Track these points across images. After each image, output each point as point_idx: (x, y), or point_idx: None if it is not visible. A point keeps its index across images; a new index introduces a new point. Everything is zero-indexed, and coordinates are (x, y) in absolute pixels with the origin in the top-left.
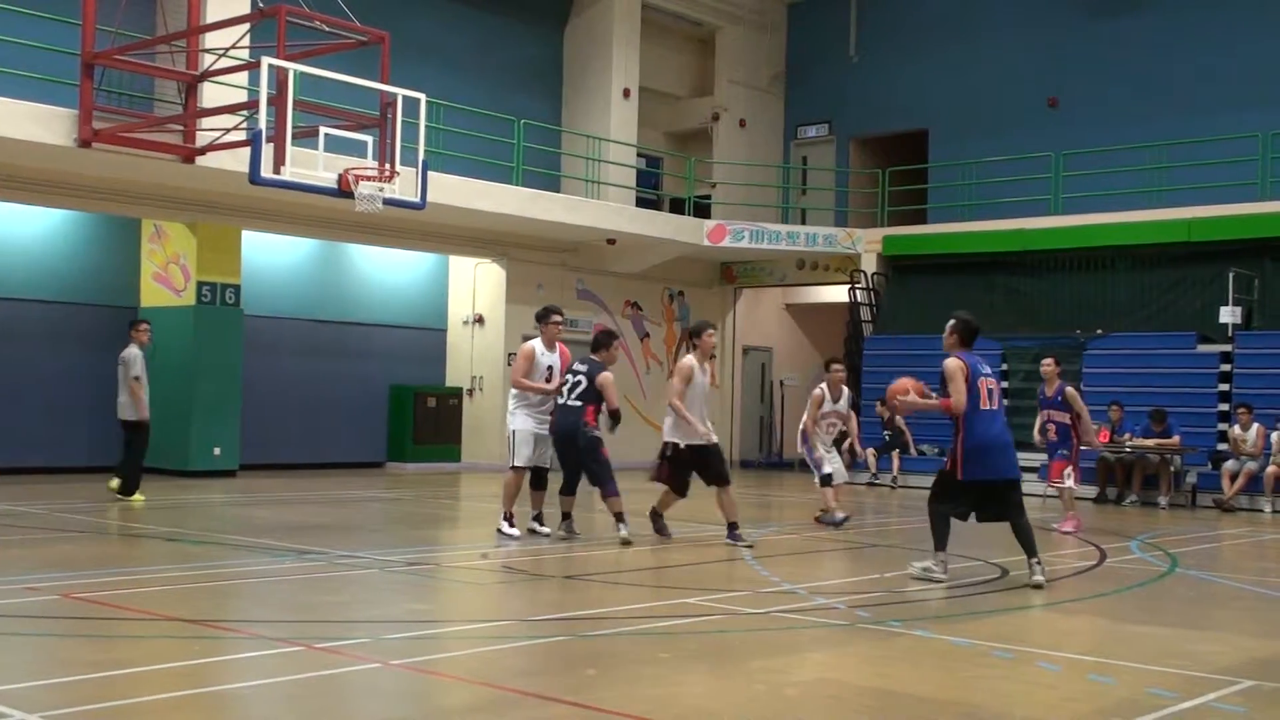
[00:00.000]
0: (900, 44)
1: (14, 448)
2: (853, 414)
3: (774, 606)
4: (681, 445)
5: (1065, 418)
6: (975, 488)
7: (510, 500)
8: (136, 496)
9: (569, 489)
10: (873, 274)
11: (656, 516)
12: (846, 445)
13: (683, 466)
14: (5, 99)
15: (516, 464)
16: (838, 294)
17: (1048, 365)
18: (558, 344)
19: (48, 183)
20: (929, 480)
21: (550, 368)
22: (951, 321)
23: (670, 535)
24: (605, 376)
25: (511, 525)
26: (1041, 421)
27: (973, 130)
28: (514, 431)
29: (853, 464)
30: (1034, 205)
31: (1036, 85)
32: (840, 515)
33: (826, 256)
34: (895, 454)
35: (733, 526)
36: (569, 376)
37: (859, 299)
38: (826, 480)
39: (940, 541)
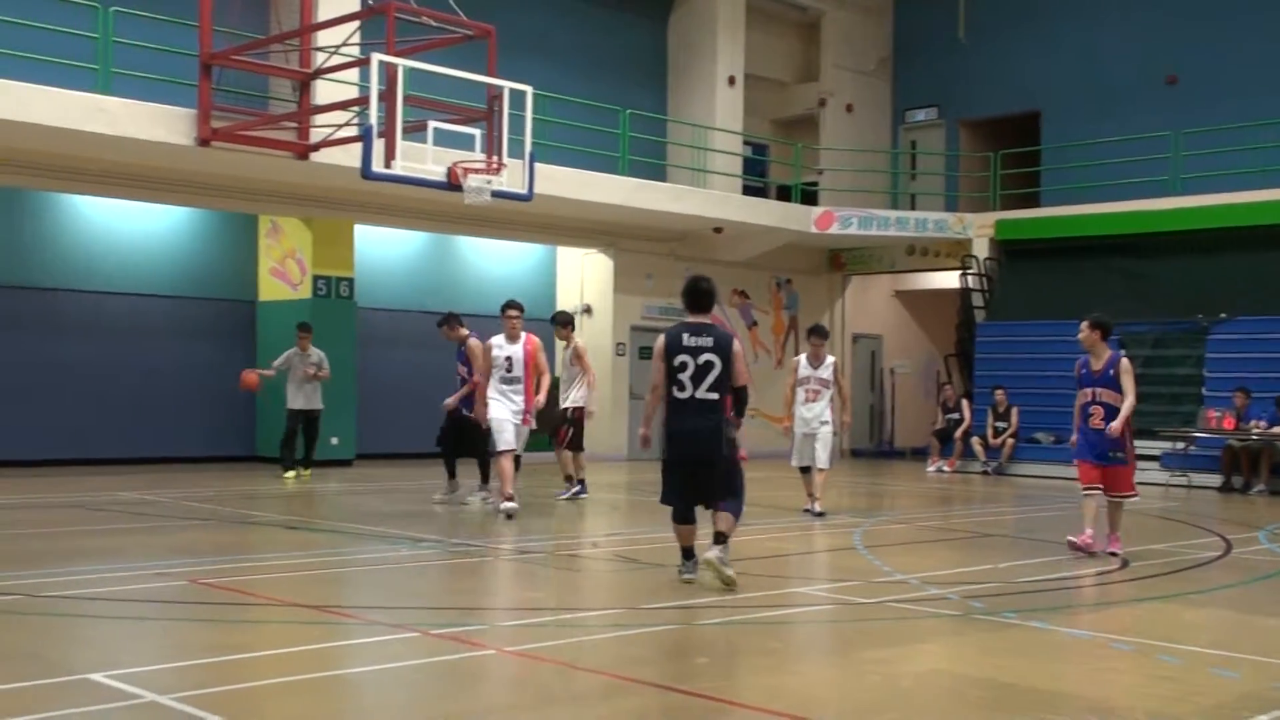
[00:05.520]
0: (1010, 23)
1: (141, 439)
2: (841, 382)
3: (886, 596)
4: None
5: (1119, 399)
6: None
7: (509, 482)
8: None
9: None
10: (984, 259)
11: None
12: (959, 433)
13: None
14: (128, 100)
15: (502, 448)
16: (949, 280)
17: (1084, 331)
18: (524, 335)
19: (169, 181)
20: (1046, 469)
21: (509, 358)
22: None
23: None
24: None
25: (511, 502)
26: (1083, 404)
27: (1087, 110)
28: (491, 419)
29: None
30: (1152, 186)
31: (1154, 62)
32: (813, 507)
33: (937, 242)
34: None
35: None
36: (687, 358)
37: (970, 285)
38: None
39: None
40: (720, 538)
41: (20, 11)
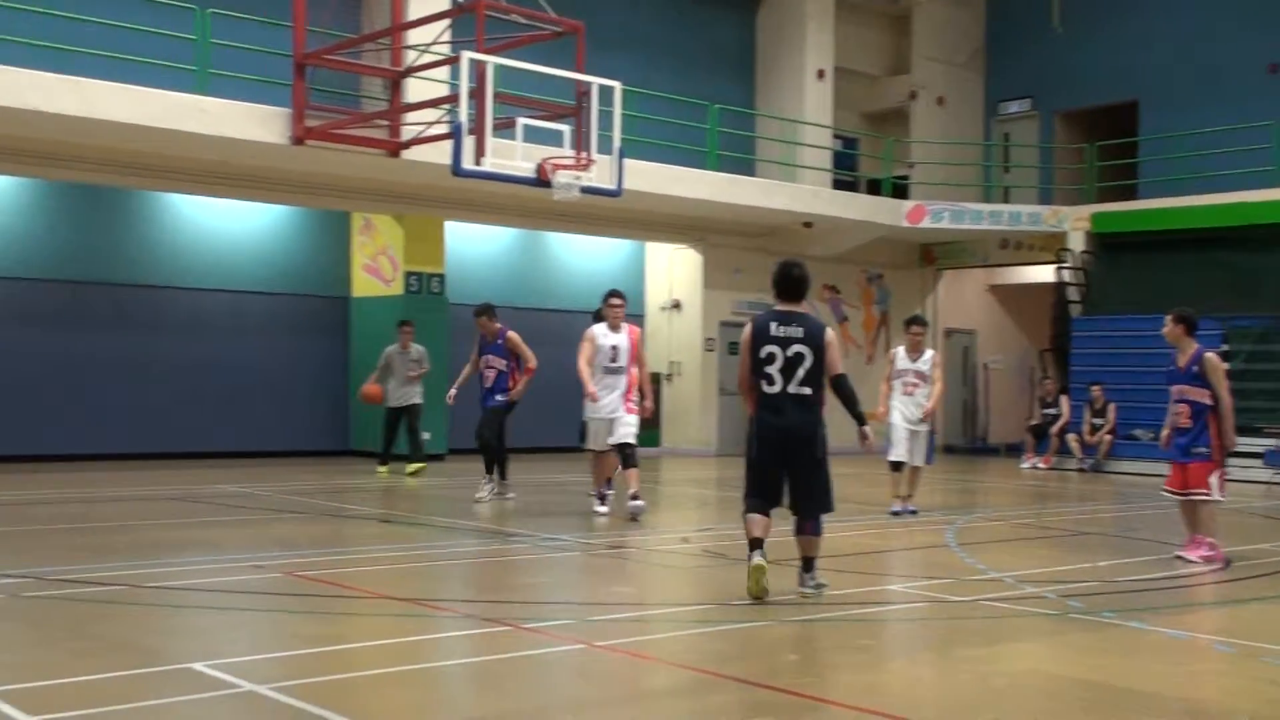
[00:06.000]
0: (1106, 11)
1: (239, 433)
2: (937, 378)
3: (980, 595)
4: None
5: (1204, 395)
6: None
7: (599, 479)
8: None
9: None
10: (1080, 252)
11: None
12: (1056, 429)
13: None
14: (225, 100)
15: (594, 448)
16: (1044, 274)
17: (1168, 326)
18: (625, 325)
19: (265, 179)
20: (1144, 467)
21: (615, 347)
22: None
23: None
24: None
25: (603, 503)
26: (1174, 402)
27: (1187, 99)
28: (588, 419)
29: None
30: (1255, 177)
31: (1255, 50)
32: (906, 506)
33: (1031, 235)
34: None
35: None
36: (775, 348)
37: (1066, 279)
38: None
39: None
40: (809, 564)
41: (123, 15)
